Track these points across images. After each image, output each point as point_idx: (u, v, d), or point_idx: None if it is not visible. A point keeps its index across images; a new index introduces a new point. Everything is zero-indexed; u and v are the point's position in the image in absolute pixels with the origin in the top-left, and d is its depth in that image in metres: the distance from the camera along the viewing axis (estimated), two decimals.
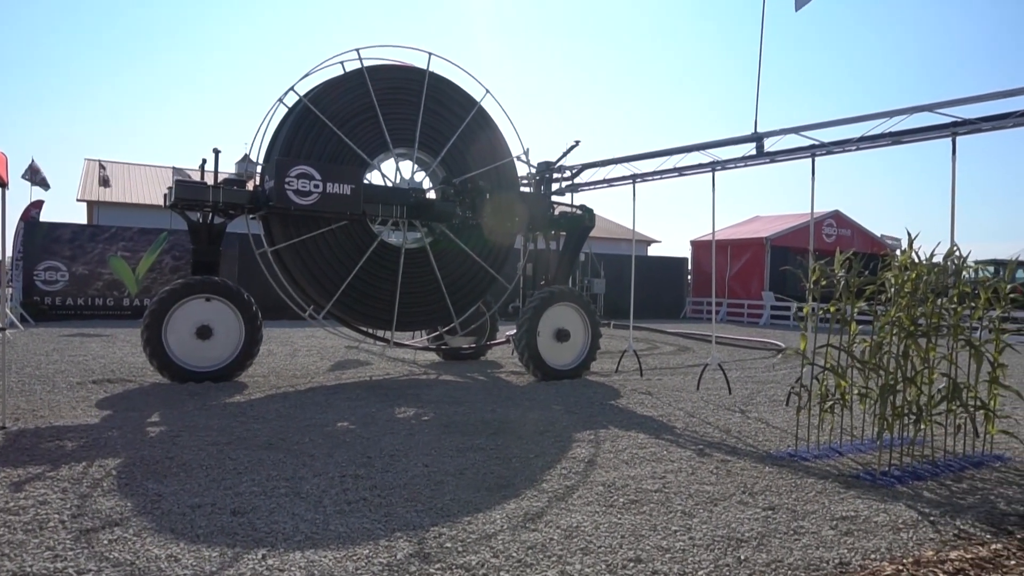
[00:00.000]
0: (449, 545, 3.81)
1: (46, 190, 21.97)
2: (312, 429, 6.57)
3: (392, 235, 11.03)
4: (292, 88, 10.18)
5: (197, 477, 4.90)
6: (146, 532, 3.85)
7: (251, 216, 10.15)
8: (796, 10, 9.50)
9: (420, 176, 11.15)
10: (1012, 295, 6.33)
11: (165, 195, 9.96)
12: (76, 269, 19.05)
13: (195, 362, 9.00)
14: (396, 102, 10.69)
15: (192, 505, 4.31)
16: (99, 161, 29.72)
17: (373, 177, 10.74)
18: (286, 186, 9.32)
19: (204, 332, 9.03)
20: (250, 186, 10.05)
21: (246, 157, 10.34)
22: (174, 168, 26.60)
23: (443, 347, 12.34)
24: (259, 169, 10.12)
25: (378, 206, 10.27)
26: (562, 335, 10.54)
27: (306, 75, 10.26)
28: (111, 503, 4.32)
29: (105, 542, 3.70)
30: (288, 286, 10.22)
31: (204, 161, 10.23)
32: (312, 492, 4.64)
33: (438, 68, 11.10)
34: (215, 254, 9.90)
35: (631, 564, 3.62)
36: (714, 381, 10.35)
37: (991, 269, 17.69)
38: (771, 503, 4.72)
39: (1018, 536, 4.22)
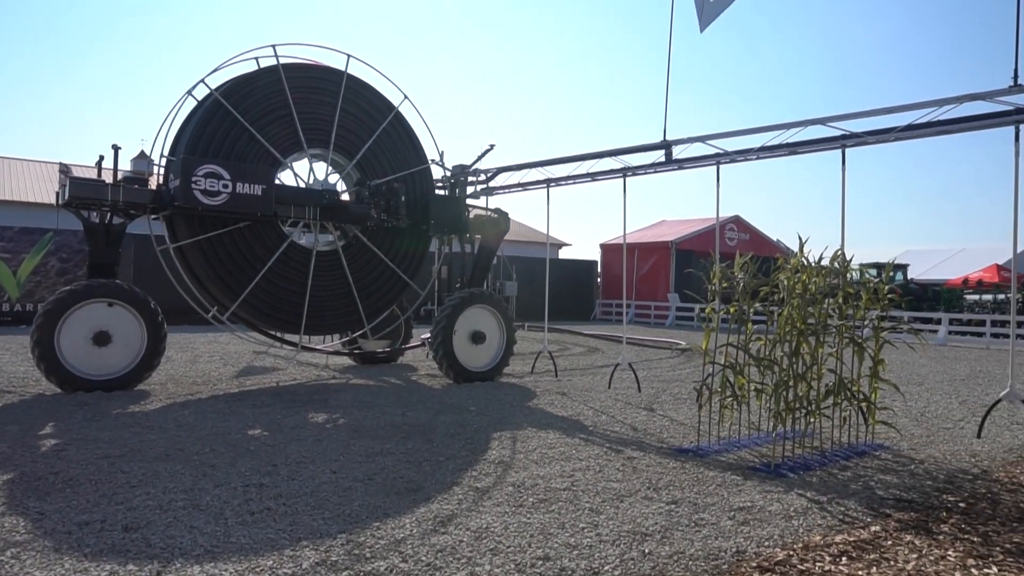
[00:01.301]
0: (357, 552, 3.74)
1: None
2: (213, 438, 6.30)
3: (303, 237, 10.75)
4: (203, 81, 9.80)
5: (85, 493, 4.61)
6: (27, 554, 3.59)
7: (154, 216, 9.65)
8: (701, 31, 9.94)
9: (334, 178, 10.95)
10: (890, 296, 6.82)
11: (57, 193, 9.35)
12: None
13: (90, 370, 8.48)
14: (312, 102, 10.48)
15: (79, 523, 4.05)
16: None
17: (285, 177, 10.48)
18: (193, 185, 8.92)
19: (102, 338, 8.52)
20: (152, 184, 9.56)
21: (143, 154, 9.84)
22: (60, 164, 24.94)
23: (356, 351, 12.14)
24: (161, 166, 9.64)
25: (290, 207, 10.00)
26: (478, 337, 10.57)
27: (216, 69, 9.89)
28: None
29: None
30: (192, 286, 9.79)
31: (101, 158, 9.70)
32: (212, 504, 4.46)
33: (357, 71, 10.98)
34: (114, 256, 9.37)
35: (540, 562, 3.67)
36: (622, 380, 10.64)
37: (873, 271, 18.99)
38: (674, 497, 4.89)
39: (895, 519, 4.55)
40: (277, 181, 9.96)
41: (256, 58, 10.20)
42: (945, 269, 34.33)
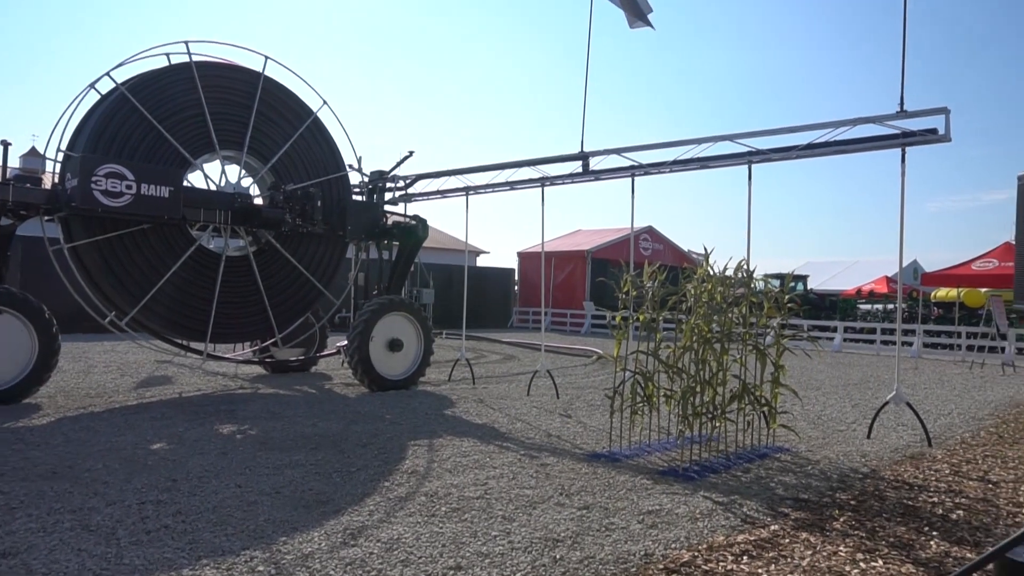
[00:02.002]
0: (262, 568, 3.60)
1: None
2: (107, 453, 5.94)
3: (212, 241, 10.33)
4: (108, 74, 9.28)
5: None
6: None
7: (47, 218, 9.02)
8: (630, 27, 10.21)
9: (247, 182, 10.57)
10: (790, 305, 7.18)
11: None
12: None
13: None
14: (226, 102, 10.12)
15: None
16: None
17: (195, 179, 10.03)
18: (93, 186, 8.40)
19: None
20: (47, 183, 8.94)
21: (34, 151, 9.23)
22: None
23: (268, 359, 11.74)
24: (58, 162, 9.02)
25: (199, 211, 9.58)
26: (395, 345, 10.43)
27: (123, 63, 9.40)
28: None
29: None
30: (88, 290, 9.20)
31: None
32: (104, 523, 4.19)
33: (274, 73, 10.68)
34: (2, 260, 8.69)
35: (451, 572, 3.64)
36: (537, 388, 10.73)
37: (776, 282, 19.96)
38: (586, 502, 4.96)
39: (792, 517, 4.78)
40: (186, 183, 9.54)
41: (167, 54, 9.79)
42: (842, 280, 36.37)
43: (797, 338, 7.57)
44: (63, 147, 9.13)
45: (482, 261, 39.13)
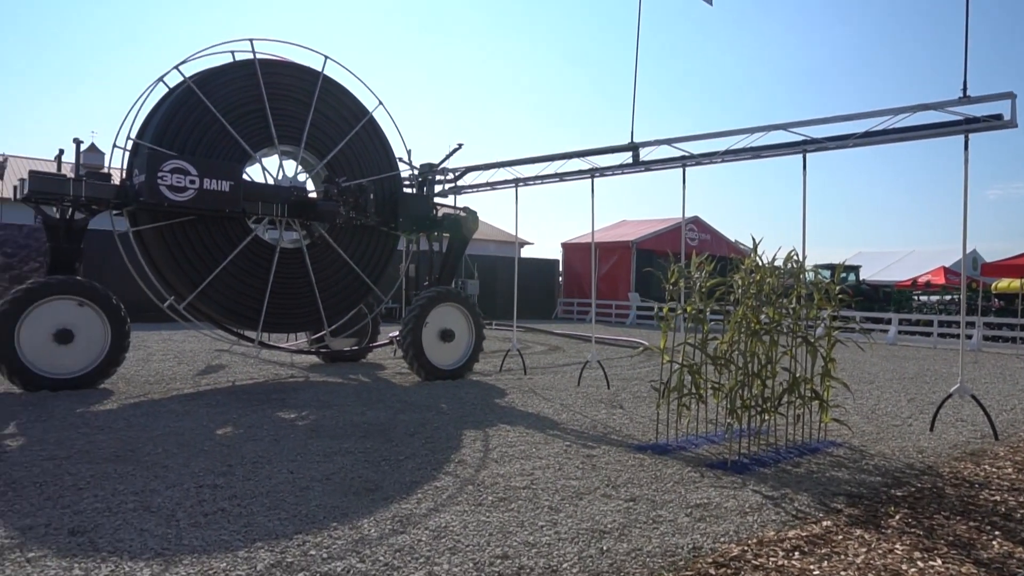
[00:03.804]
0: (313, 553, 3.69)
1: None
2: (166, 438, 6.15)
3: (268, 233, 10.62)
4: (176, 68, 9.66)
5: (29, 496, 4.45)
6: None
7: (116, 212, 9.42)
8: (711, 3, 10.06)
9: (303, 177, 10.86)
10: (841, 296, 7.00)
11: (16, 187, 9.08)
12: None
13: (51, 368, 8.29)
14: (286, 99, 10.44)
15: (22, 527, 3.91)
16: None
17: (254, 171, 10.39)
18: (159, 181, 8.77)
19: (64, 336, 8.30)
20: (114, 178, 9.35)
21: (94, 147, 9.58)
22: (4, 156, 24.07)
23: (323, 349, 12.02)
24: (127, 150, 9.40)
25: (257, 203, 9.92)
26: (447, 335, 10.56)
27: (189, 58, 9.76)
28: None
29: None
30: (151, 275, 9.63)
31: (61, 151, 9.53)
32: (164, 505, 4.35)
33: (332, 72, 11.00)
34: (75, 252, 9.15)
35: (498, 561, 3.67)
36: (583, 378, 10.70)
37: (827, 273, 19.48)
38: (633, 494, 4.94)
39: (845, 513, 4.67)
40: (244, 176, 9.85)
41: (232, 51, 10.14)
42: (896, 271, 35.32)
43: (848, 330, 7.38)
44: (133, 136, 9.51)
45: (525, 252, 39.16)
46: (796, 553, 3.94)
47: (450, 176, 12.68)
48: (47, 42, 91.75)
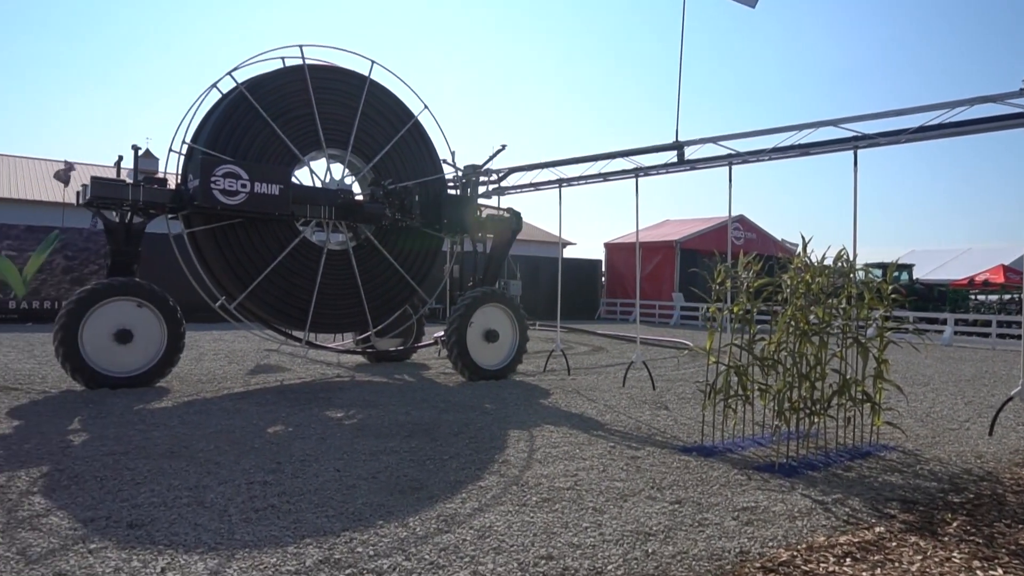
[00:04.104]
0: (360, 550, 3.75)
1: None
2: (218, 436, 6.32)
3: (315, 234, 10.85)
4: (229, 74, 9.97)
5: (91, 489, 4.63)
6: (33, 549, 3.61)
7: (171, 216, 9.76)
8: (753, 7, 9.91)
9: (349, 180, 11.07)
10: (893, 296, 6.80)
11: (78, 192, 9.50)
12: None
13: (111, 367, 8.61)
14: (333, 103, 10.64)
15: (84, 519, 4.07)
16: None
17: (302, 174, 10.63)
18: (212, 185, 9.07)
19: (124, 336, 8.63)
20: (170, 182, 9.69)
21: (148, 153, 9.92)
22: (65, 162, 24.99)
23: (369, 349, 12.21)
24: (181, 154, 9.73)
25: (306, 206, 10.16)
26: (491, 336, 10.62)
27: (241, 64, 10.05)
28: None
29: None
30: (204, 275, 9.95)
31: (120, 158, 9.89)
32: (217, 501, 4.47)
33: (378, 76, 11.18)
34: (133, 255, 9.50)
35: (543, 561, 3.68)
36: (629, 379, 10.62)
37: (878, 272, 18.95)
38: (678, 497, 4.89)
39: (899, 519, 4.54)
40: (293, 179, 10.11)
41: (283, 57, 10.39)
42: (951, 269, 34.18)
43: (901, 331, 7.16)
44: (188, 140, 9.83)
45: (568, 252, 39.04)
46: (848, 559, 3.84)
47: (494, 177, 12.74)
48: (115, 61, 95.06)
